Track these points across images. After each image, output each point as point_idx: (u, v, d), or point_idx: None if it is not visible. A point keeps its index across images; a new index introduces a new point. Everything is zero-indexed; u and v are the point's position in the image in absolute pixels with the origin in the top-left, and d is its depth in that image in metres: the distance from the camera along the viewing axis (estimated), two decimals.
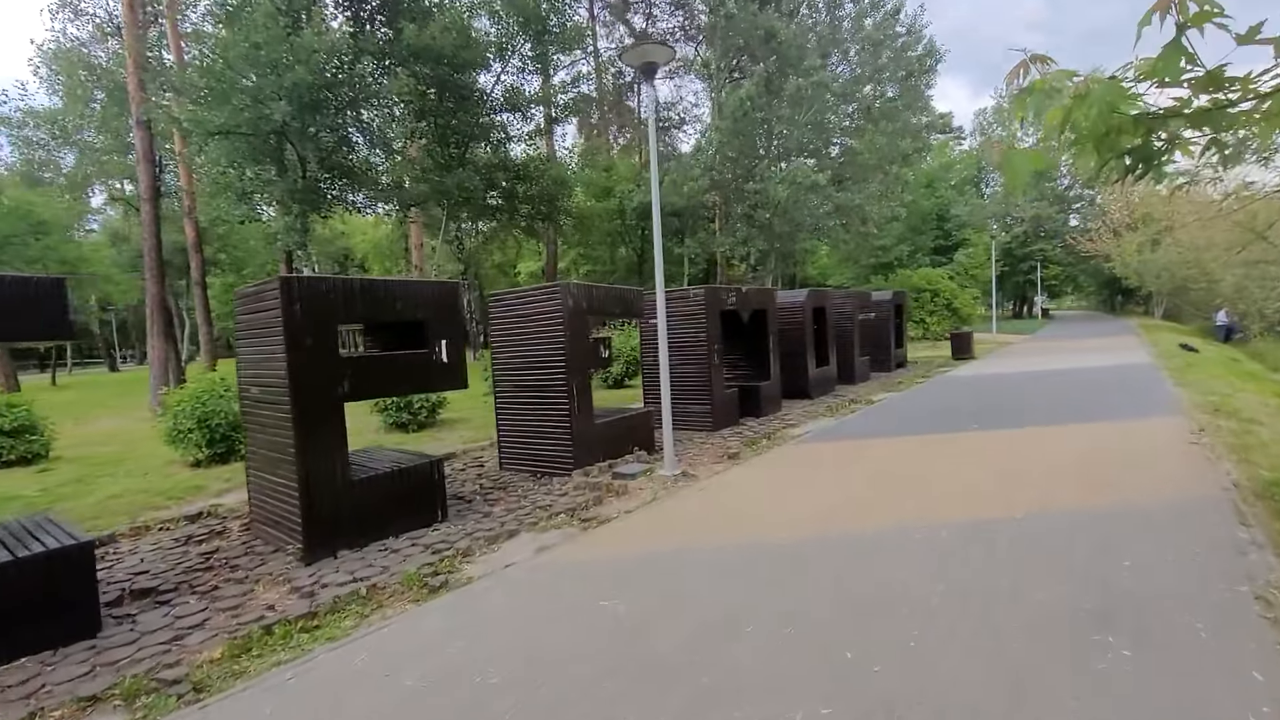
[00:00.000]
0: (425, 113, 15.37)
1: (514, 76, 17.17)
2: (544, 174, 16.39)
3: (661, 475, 6.94)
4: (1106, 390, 11.50)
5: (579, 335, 7.40)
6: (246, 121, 10.35)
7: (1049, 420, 8.81)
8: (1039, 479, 5.89)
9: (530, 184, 16.66)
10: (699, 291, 9.78)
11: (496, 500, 6.66)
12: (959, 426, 8.74)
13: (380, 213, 16.94)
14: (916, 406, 11.03)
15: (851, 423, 9.78)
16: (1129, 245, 36.51)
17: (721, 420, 9.96)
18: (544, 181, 16.48)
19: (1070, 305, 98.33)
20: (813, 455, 7.62)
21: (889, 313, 17.34)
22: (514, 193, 17.85)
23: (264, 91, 10.27)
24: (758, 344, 11.60)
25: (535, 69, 18.26)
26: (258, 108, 10.21)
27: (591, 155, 27.05)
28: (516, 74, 17.32)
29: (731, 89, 22.55)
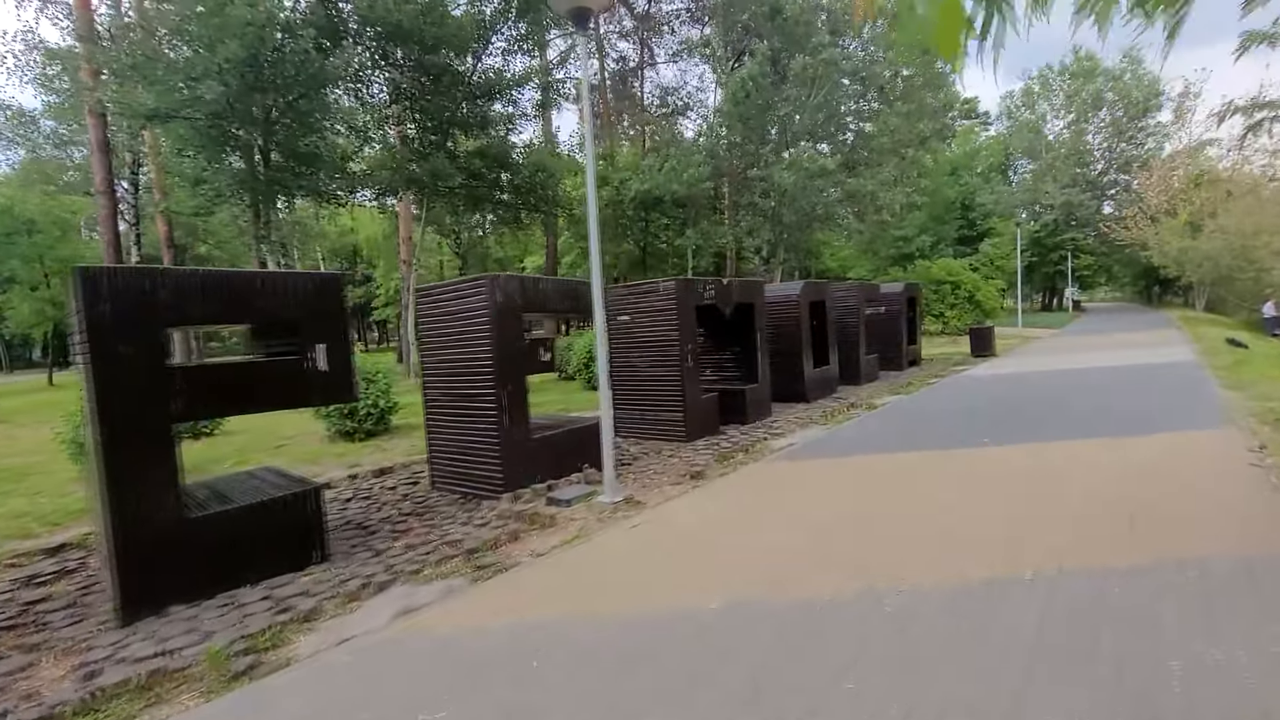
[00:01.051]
0: (400, 96, 14.44)
1: (498, 59, 16.15)
2: (525, 161, 15.34)
3: (600, 502, 5.85)
4: (1144, 394, 10.09)
5: (510, 336, 6.33)
6: (178, 103, 9.50)
7: (1075, 432, 7.51)
8: (1059, 516, 4.67)
9: (514, 172, 15.65)
10: (669, 284, 8.65)
11: (405, 531, 5.65)
12: (967, 439, 7.49)
13: (357, 202, 16.08)
14: (922, 413, 9.76)
15: (844, 433, 8.57)
16: (1168, 232, 34.33)
17: (697, 430, 8.83)
18: (526, 169, 15.44)
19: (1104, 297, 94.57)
20: (787, 476, 6.46)
21: (900, 307, 15.98)
22: (500, 182, 16.86)
23: (196, 69, 9.40)
24: (744, 343, 10.43)
25: (525, 50, 17.19)
26: (191, 88, 9.36)
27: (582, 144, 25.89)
28: (501, 56, 16.29)
29: (735, 71, 21.25)
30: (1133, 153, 45.88)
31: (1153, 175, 40.20)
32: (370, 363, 9.99)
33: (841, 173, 21.92)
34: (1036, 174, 47.86)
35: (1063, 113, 48.14)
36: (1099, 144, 48.12)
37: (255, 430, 10.89)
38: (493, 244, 29.82)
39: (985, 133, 60.30)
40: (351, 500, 6.90)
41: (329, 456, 8.80)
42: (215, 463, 8.55)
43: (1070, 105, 46.89)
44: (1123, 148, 46.63)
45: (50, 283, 26.02)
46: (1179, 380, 11.39)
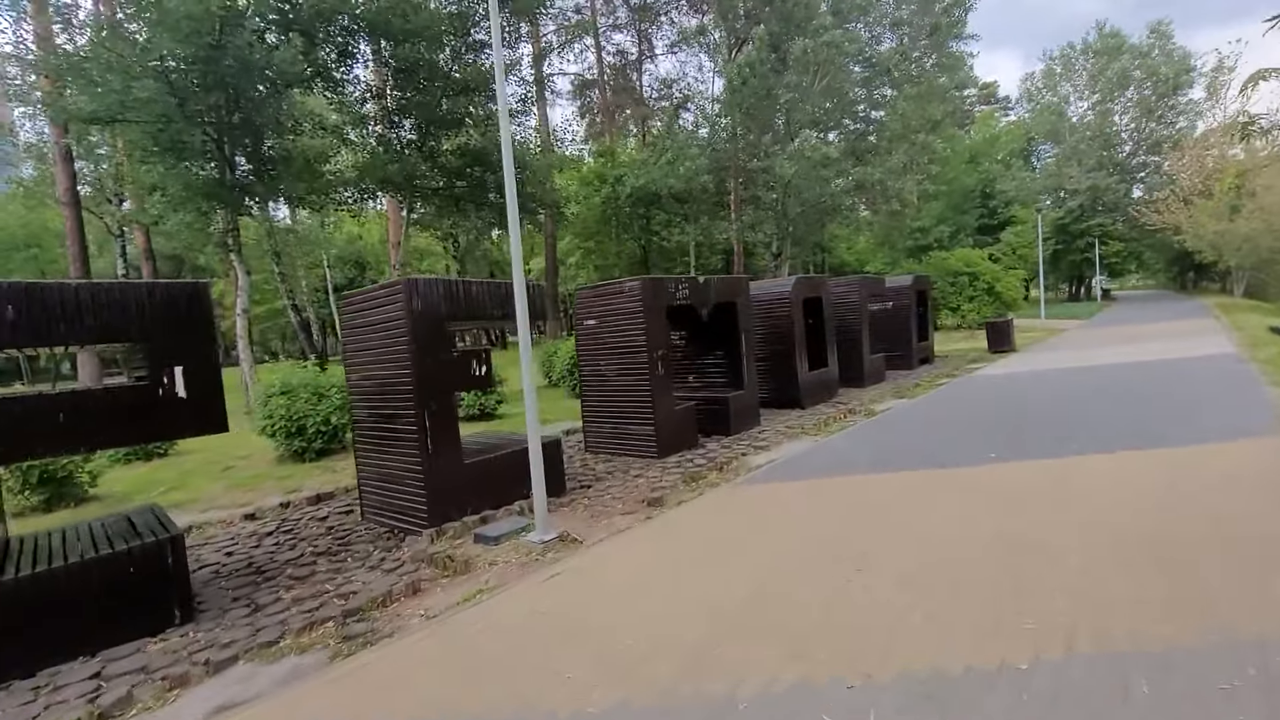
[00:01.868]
0: (372, 94, 13.80)
1: (478, 53, 15.40)
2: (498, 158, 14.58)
3: (530, 542, 5.03)
4: (1179, 394, 8.96)
5: (434, 348, 5.55)
6: (116, 106, 8.91)
7: (1099, 443, 6.49)
8: (1073, 566, 3.73)
9: (494, 171, 14.88)
10: (634, 284, 7.79)
11: (303, 578, 4.89)
12: (971, 455, 6.52)
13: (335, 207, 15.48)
14: (925, 421, 8.77)
15: (833, 446, 7.63)
16: (1203, 214, 32.43)
17: (671, 444, 7.97)
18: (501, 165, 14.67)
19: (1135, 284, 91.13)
20: (753, 505, 5.57)
21: (909, 301, 14.90)
22: (485, 182, 16.14)
23: (133, 68, 8.80)
24: (727, 347, 9.53)
25: (506, 43, 16.44)
26: (127, 89, 8.77)
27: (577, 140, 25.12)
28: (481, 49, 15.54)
29: (734, 58, 20.29)
30: (1163, 132, 43.62)
31: (1185, 155, 38.14)
32: (325, 378, 9.31)
33: (848, 161, 20.81)
34: (1060, 158, 45.84)
35: (1086, 93, 45.99)
36: (1126, 124, 45.91)
37: (211, 450, 10.29)
38: (490, 246, 29.18)
39: (1006, 118, 58.23)
40: (272, 534, 6.19)
41: (271, 480, 8.12)
42: (144, 490, 7.93)
43: (1094, 85, 44.77)
44: (1152, 127, 44.38)
45: None
46: (1220, 377, 10.20)
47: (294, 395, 8.80)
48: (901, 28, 20.90)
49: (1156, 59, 41.95)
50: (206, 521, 6.73)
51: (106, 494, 7.83)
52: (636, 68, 29.01)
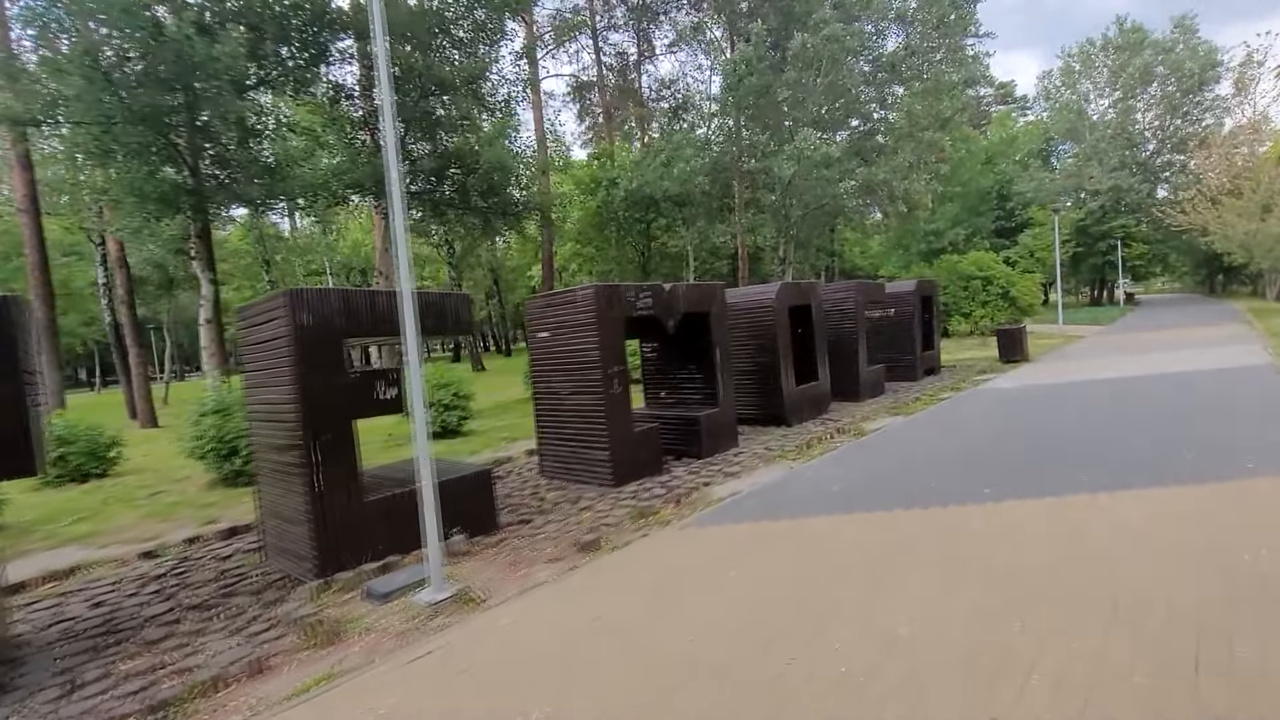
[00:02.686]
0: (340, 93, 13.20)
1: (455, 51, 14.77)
2: (481, 161, 13.86)
3: (420, 602, 4.22)
4: (1210, 414, 7.94)
5: (326, 368, 4.79)
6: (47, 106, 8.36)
7: (1117, 477, 5.55)
8: (1084, 658, 2.84)
9: (469, 172, 14.21)
10: (586, 292, 6.99)
11: (154, 643, 4.14)
12: (963, 489, 5.60)
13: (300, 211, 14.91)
14: (917, 445, 7.84)
15: (809, 474, 6.74)
16: (1232, 214, 30.93)
17: (629, 470, 7.13)
18: (482, 169, 13.93)
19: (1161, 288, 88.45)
20: (695, 556, 4.72)
21: (912, 307, 13.92)
22: (465, 186, 15.48)
23: (62, 64, 8.25)
24: (702, 360, 8.68)
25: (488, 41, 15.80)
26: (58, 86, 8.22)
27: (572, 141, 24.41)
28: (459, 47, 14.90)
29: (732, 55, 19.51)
30: (1188, 130, 41.99)
31: (1212, 153, 36.56)
32: None
33: (851, 161, 19.87)
34: (1080, 158, 44.30)
35: (1107, 90, 44.45)
36: (1149, 122, 44.29)
37: (151, 471, 9.66)
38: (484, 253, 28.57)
39: (1024, 117, 56.70)
40: (162, 577, 5.47)
41: (192, 509, 7.42)
42: (54, 519, 7.26)
43: (1115, 82, 43.24)
44: (1177, 125, 42.75)
45: None
46: (1258, 393, 9.14)
47: (227, 414, 8.11)
48: (907, 21, 19.94)
49: (1181, 54, 40.39)
50: (100, 560, 6.03)
51: (11, 523, 7.18)
52: (636, 68, 28.32)
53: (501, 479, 8.08)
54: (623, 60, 28.78)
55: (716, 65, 18.82)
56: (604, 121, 28.52)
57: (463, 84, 13.83)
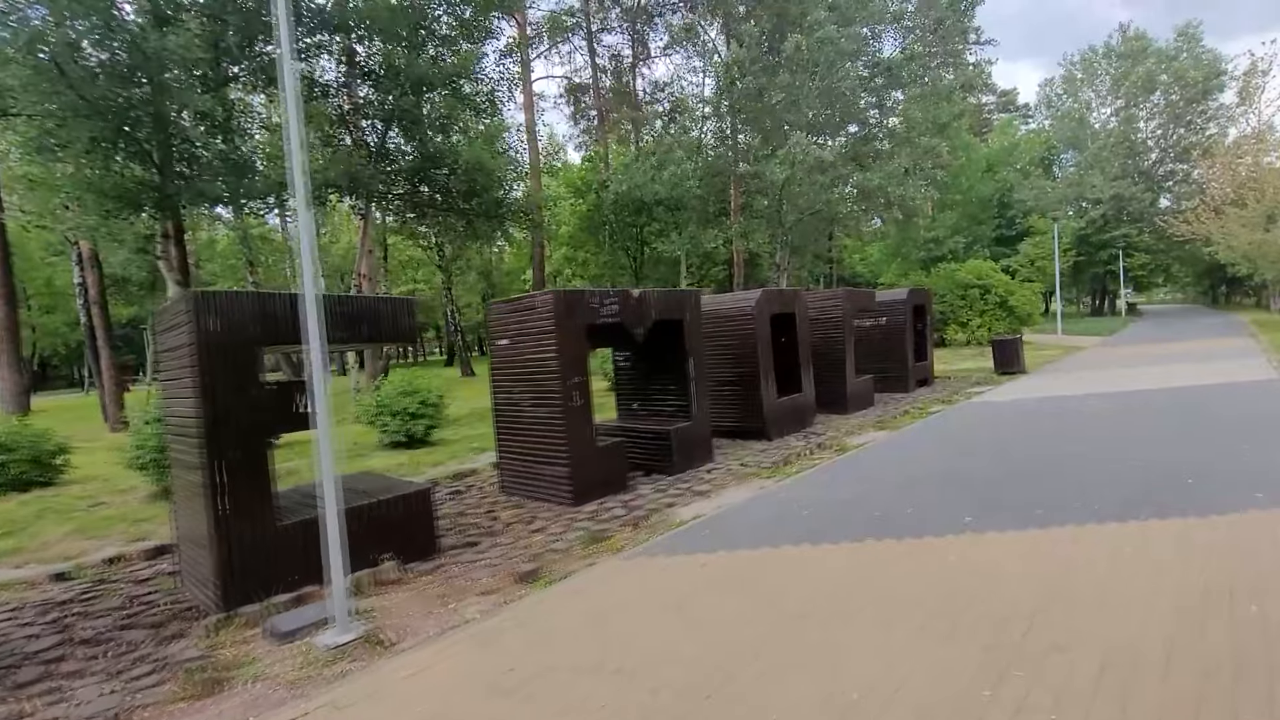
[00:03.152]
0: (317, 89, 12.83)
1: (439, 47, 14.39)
2: (460, 161, 13.44)
3: (321, 645, 3.76)
4: (1214, 434, 7.47)
5: (234, 380, 4.35)
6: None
7: (1111, 506, 5.08)
8: None
9: (448, 171, 13.79)
10: (546, 298, 6.55)
11: (23, 686, 3.69)
12: (942, 517, 5.14)
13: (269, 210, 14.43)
14: (900, 463, 7.38)
15: (781, 496, 6.28)
16: (1236, 224, 30.45)
17: (591, 487, 6.68)
18: (461, 170, 13.52)
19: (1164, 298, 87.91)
20: (636, 594, 4.27)
21: (904, 316, 13.47)
22: (447, 187, 15.08)
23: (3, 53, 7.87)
24: (676, 370, 8.23)
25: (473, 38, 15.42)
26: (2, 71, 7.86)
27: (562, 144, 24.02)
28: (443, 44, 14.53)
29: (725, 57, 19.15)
30: (1192, 139, 41.59)
31: (1215, 163, 36.10)
32: None
33: (846, 166, 19.46)
34: (1081, 166, 43.90)
35: (1110, 99, 44.10)
36: (1152, 131, 43.90)
37: (100, 480, 9.21)
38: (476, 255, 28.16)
39: (1025, 126, 56.34)
40: (66, 603, 5.00)
41: (126, 524, 6.97)
42: None
43: (1118, 90, 42.89)
44: (1180, 134, 42.36)
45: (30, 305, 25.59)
46: (1264, 410, 8.67)
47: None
48: (903, 22, 19.56)
49: (1185, 62, 40.00)
50: (11, 581, 5.57)
51: None
52: (631, 71, 27.96)
53: (460, 494, 7.63)
54: (618, 63, 28.46)
55: (709, 67, 18.45)
56: (598, 124, 28.16)
57: (443, 82, 13.43)
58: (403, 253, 35.94)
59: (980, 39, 48.68)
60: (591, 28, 27.45)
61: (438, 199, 14.72)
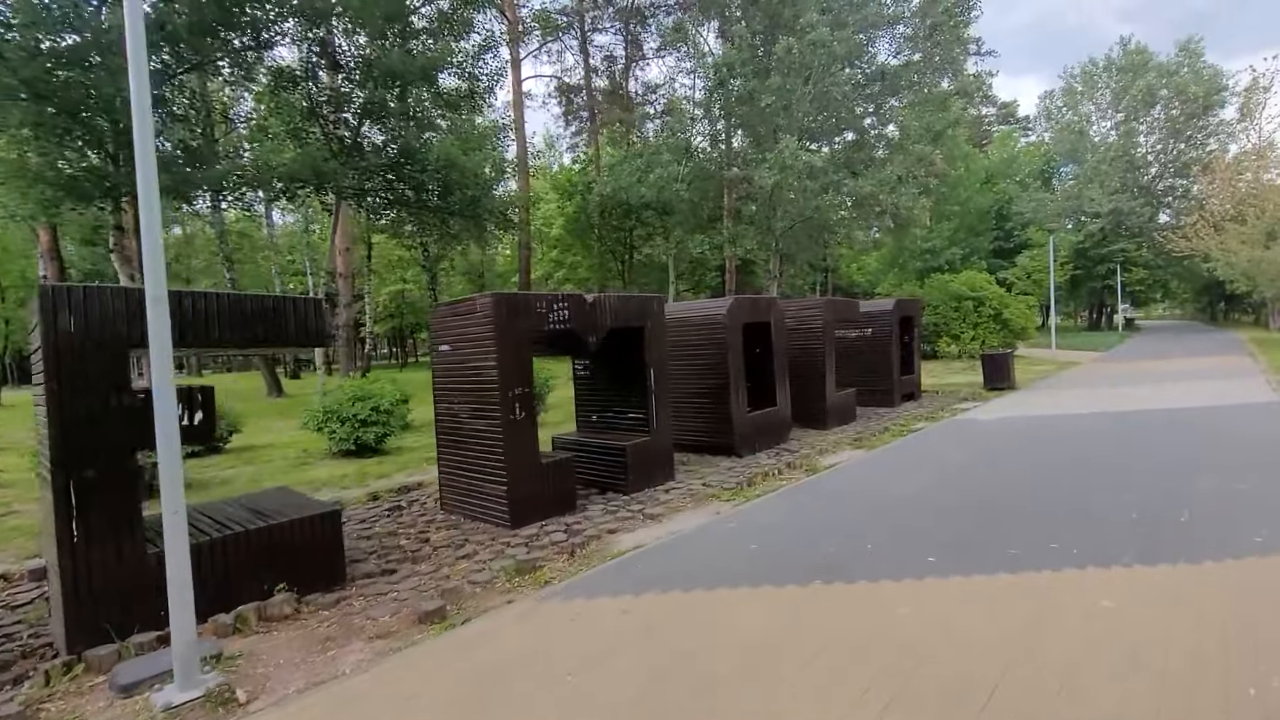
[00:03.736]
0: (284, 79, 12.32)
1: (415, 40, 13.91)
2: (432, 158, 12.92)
3: (160, 704, 3.21)
4: (1211, 461, 6.95)
5: (91, 387, 3.82)
6: None
7: (1089, 546, 4.56)
8: None
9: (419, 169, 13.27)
10: (486, 301, 6.03)
11: None
12: (903, 556, 4.61)
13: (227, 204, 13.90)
14: (869, 488, 6.85)
15: (730, 526, 5.74)
16: (1235, 241, 30.05)
17: (529, 509, 6.14)
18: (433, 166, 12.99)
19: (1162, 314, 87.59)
20: (551, 641, 3.74)
21: (890, 328, 12.97)
22: (422, 183, 14.57)
23: None
24: (635, 381, 7.70)
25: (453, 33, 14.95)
26: None
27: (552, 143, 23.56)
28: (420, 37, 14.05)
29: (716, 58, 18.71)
30: (1192, 154, 41.23)
31: (1215, 178, 35.73)
32: None
33: (839, 173, 19.00)
34: (1081, 179, 43.55)
35: (1110, 112, 43.77)
36: (1152, 145, 43.56)
37: (22, 484, 8.66)
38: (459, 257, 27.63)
39: (1025, 138, 56.06)
40: None
41: (27, 536, 6.42)
42: None
43: (1118, 104, 42.56)
44: (1180, 149, 42.00)
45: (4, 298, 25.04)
46: (1263, 435, 8.16)
47: None
48: (898, 29, 19.13)
49: (1185, 77, 39.69)
50: None
51: None
52: (625, 72, 27.54)
53: (399, 510, 7.09)
54: (611, 63, 28.04)
55: (699, 69, 17.98)
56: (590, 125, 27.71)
57: (418, 75, 12.94)
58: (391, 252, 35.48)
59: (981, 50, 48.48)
60: (585, 27, 27.06)
61: (410, 196, 14.21)
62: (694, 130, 18.71)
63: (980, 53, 48.92)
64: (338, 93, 13.03)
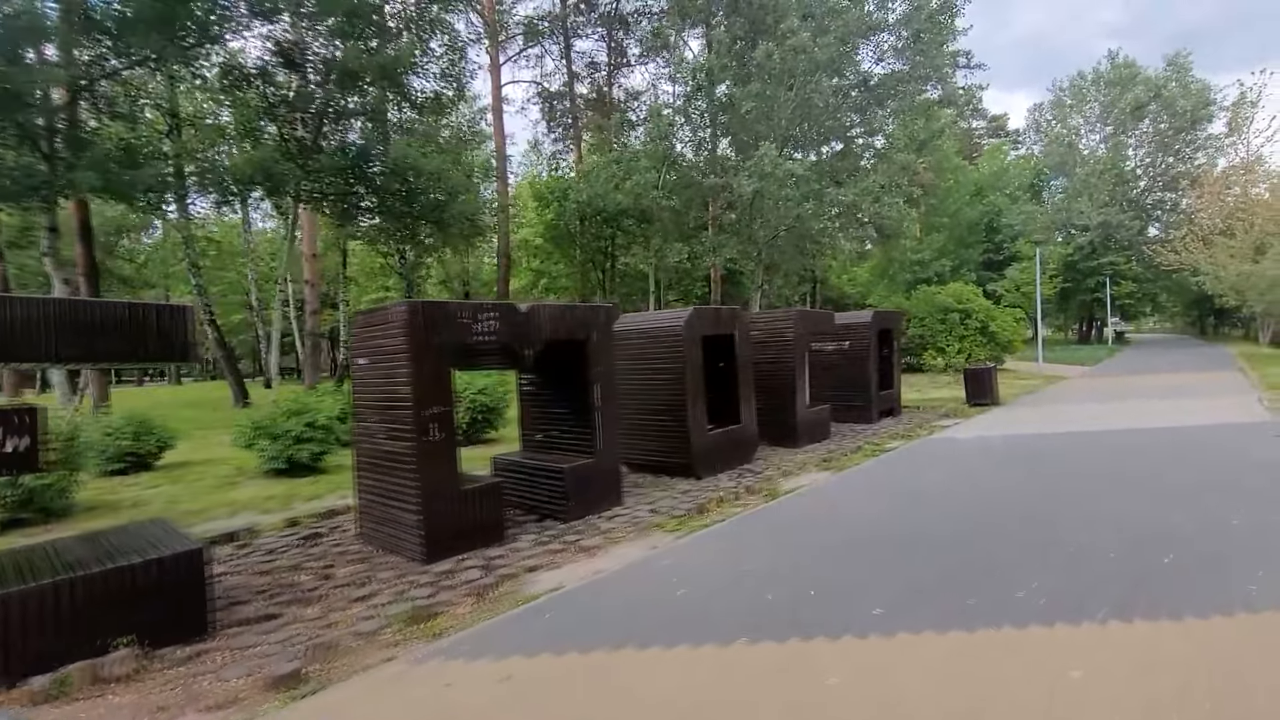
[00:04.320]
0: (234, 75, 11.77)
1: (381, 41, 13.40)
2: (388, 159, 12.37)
3: None
4: (1198, 491, 6.41)
5: None
6: None
7: (1057, 596, 3.99)
8: None
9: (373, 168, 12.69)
10: (402, 310, 5.45)
11: None
12: (846, 607, 4.02)
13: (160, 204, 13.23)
14: (826, 518, 6.28)
15: (667, 562, 5.15)
16: (1224, 255, 29.81)
17: (450, 540, 5.53)
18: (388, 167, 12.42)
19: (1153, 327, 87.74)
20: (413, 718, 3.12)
21: (868, 341, 12.44)
22: (385, 187, 14.01)
23: None
24: (582, 397, 7.11)
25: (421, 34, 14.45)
26: None
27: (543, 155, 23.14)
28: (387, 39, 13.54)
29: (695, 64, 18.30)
30: (1180, 168, 41.20)
31: (1204, 193, 35.61)
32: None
33: (821, 181, 18.56)
34: (1070, 192, 43.46)
35: (1099, 125, 43.77)
36: (1141, 159, 43.55)
37: None
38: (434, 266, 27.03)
39: (1015, 151, 56.09)
40: None
41: None
42: None
43: (1107, 117, 42.55)
44: (1168, 163, 41.98)
45: None
46: (1255, 460, 7.64)
47: None
48: (882, 34, 18.76)
49: (1174, 90, 39.70)
50: None
51: None
52: (608, 79, 27.15)
53: (316, 539, 6.44)
54: (594, 70, 27.65)
55: (678, 75, 17.54)
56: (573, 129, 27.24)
57: (379, 74, 12.42)
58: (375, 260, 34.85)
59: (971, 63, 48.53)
60: (568, 33, 26.69)
61: (372, 201, 13.64)
62: (675, 137, 18.24)
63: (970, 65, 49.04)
64: (296, 92, 12.48)
